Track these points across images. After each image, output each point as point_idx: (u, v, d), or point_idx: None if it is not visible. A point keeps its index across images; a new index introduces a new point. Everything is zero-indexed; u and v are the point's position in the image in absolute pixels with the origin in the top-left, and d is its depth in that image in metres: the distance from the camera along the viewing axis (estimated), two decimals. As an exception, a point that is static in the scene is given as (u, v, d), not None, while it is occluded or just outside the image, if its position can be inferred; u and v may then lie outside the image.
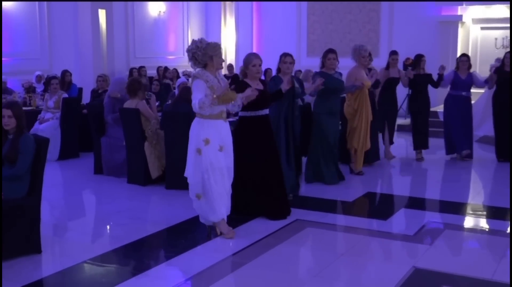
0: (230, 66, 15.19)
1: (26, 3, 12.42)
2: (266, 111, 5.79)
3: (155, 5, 15.40)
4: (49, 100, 9.26)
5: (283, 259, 4.85)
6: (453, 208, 6.44)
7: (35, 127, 8.99)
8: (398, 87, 9.08)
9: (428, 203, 6.76)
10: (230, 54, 17.15)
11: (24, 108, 9.40)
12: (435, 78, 9.02)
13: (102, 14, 13.78)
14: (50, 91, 9.40)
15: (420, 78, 8.87)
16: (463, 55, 9.16)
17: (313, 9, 15.83)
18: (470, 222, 6.10)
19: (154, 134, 7.36)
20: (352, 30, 15.33)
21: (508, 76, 8.74)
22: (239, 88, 5.64)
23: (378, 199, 7.12)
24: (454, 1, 14.15)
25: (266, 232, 5.42)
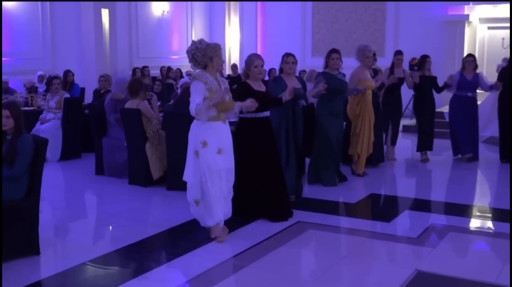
0: (234, 66, 15.15)
1: (29, 3, 12.41)
2: (266, 114, 5.74)
3: (159, 4, 15.38)
4: (50, 100, 9.23)
5: (284, 261, 4.80)
6: (458, 210, 6.37)
7: (37, 128, 8.96)
8: (403, 88, 8.99)
9: (432, 204, 6.69)
10: (234, 54, 17.12)
11: (25, 108, 9.56)
12: (440, 80, 8.91)
13: (105, 13, 13.78)
14: (51, 92, 9.37)
15: (425, 80, 8.76)
16: (469, 56, 9.06)
17: (318, 8, 15.77)
18: (475, 224, 6.02)
19: (156, 135, 7.31)
20: (357, 30, 15.25)
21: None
22: (241, 90, 5.61)
23: (381, 200, 7.05)
24: (460, 0, 14.06)
25: (267, 234, 5.37)
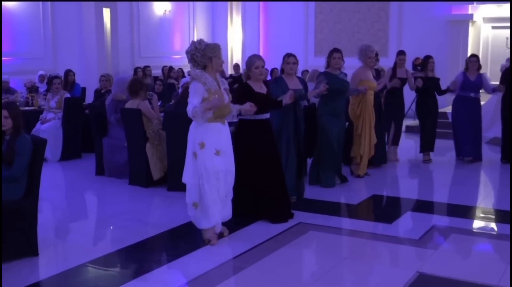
0: (236, 66, 15.10)
1: (30, 3, 12.39)
2: (266, 116, 5.70)
3: (161, 4, 15.37)
4: (51, 100, 9.21)
5: (285, 262, 4.77)
6: (460, 211, 6.32)
7: (37, 128, 8.94)
8: (406, 88, 8.94)
9: (434, 206, 6.63)
10: (236, 54, 17.09)
11: (26, 108, 9.54)
12: (443, 81, 8.85)
13: (106, 13, 13.77)
14: (52, 91, 9.35)
15: (428, 81, 8.69)
16: (473, 56, 8.99)
17: (320, 8, 15.73)
18: (477, 226, 5.97)
19: (156, 135, 7.27)
20: (360, 30, 15.20)
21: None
22: (242, 91, 5.60)
23: (383, 201, 7.01)
24: (464, 0, 13.98)
25: (268, 236, 5.34)
